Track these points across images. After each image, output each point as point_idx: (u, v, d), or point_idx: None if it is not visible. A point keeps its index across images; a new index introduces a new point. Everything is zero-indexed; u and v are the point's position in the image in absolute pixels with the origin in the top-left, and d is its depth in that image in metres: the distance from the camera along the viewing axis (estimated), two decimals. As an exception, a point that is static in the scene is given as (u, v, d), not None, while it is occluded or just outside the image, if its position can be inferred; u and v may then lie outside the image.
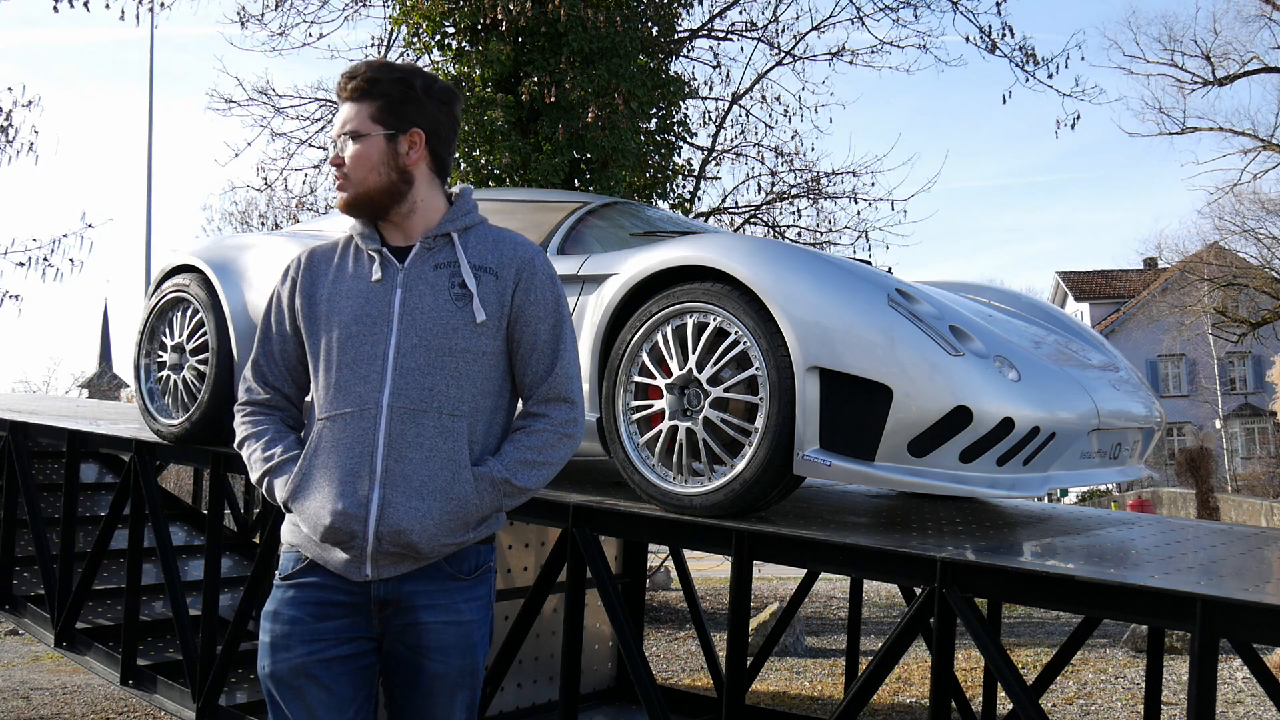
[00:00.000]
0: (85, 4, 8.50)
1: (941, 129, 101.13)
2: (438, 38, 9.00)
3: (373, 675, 1.96)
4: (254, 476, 2.01)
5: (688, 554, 5.26)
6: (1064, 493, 23.63)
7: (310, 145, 10.78)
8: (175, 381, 4.14)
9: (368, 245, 2.00)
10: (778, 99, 11.34)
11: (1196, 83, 23.67)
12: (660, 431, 2.94)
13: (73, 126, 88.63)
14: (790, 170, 11.22)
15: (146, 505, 4.50)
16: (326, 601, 1.91)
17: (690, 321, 2.91)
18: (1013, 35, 10.53)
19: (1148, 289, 37.06)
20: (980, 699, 4.55)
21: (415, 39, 9.19)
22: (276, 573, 1.99)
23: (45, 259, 9.34)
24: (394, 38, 10.02)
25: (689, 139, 10.54)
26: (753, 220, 11.26)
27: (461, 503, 1.91)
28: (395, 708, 2.00)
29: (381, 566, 1.90)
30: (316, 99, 10.77)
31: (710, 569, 13.45)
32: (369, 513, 1.87)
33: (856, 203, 11.09)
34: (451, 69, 8.84)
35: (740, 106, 11.28)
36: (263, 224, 15.94)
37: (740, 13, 11.61)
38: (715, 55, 11.37)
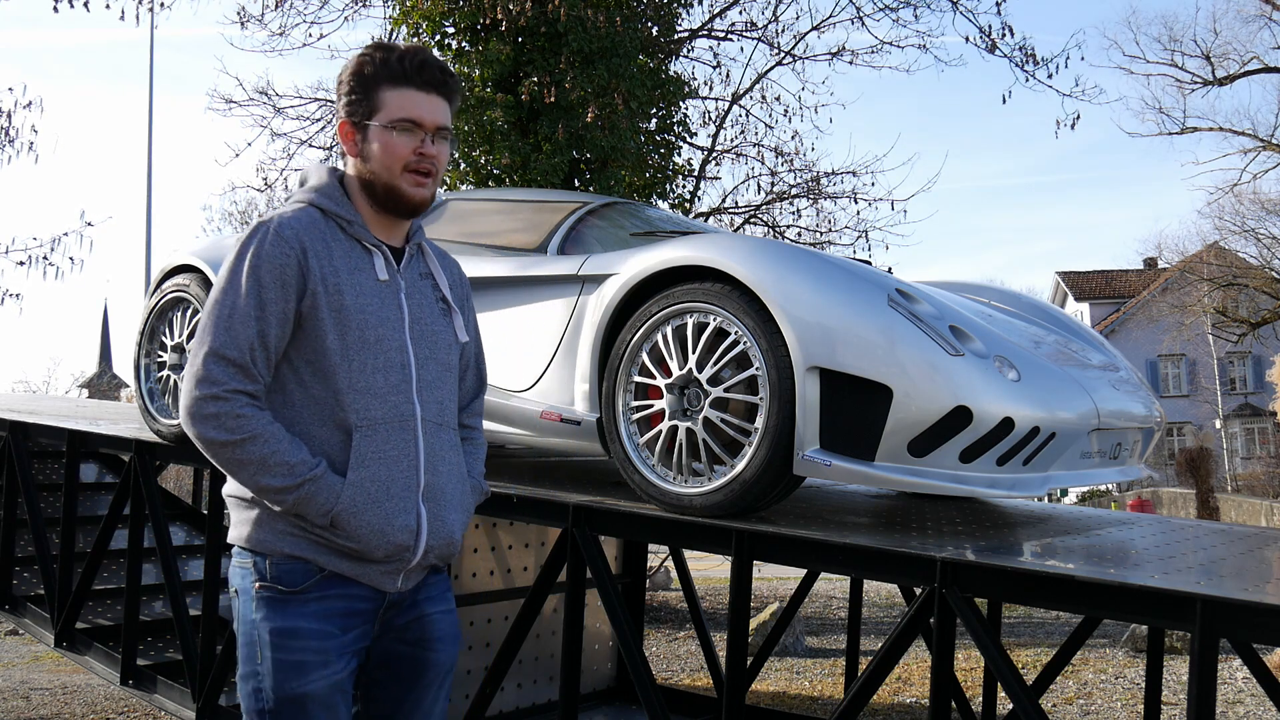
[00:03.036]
0: (85, 4, 8.50)
1: (941, 129, 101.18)
2: (438, 38, 9.00)
3: None
4: (273, 483, 1.77)
5: (688, 554, 5.26)
6: (1064, 493, 23.63)
7: (310, 145, 10.77)
8: (175, 381, 4.14)
9: (365, 237, 1.90)
10: (778, 99, 11.34)
11: (1196, 83, 23.68)
12: (660, 431, 2.94)
13: (72, 126, 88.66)
14: (790, 170, 11.22)
15: (146, 505, 4.50)
16: (349, 612, 1.85)
17: (690, 321, 2.91)
18: (1012, 35, 10.53)
19: (1148, 289, 37.06)
20: (980, 699, 4.55)
21: (415, 39, 9.18)
22: (270, 582, 1.81)
23: (45, 258, 9.36)
24: (394, 38, 10.01)
25: (689, 139, 10.54)
26: (753, 220, 11.26)
27: (469, 512, 2.00)
28: (387, 707, 1.95)
29: (412, 577, 1.92)
30: (316, 99, 10.76)
31: (710, 569, 13.45)
32: (421, 527, 1.88)
33: (856, 203, 11.09)
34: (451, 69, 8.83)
35: (740, 106, 11.28)
36: (263, 224, 15.90)
37: (740, 13, 11.58)
38: (715, 55, 11.37)
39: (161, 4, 9.65)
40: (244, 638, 1.84)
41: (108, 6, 8.96)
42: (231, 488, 1.89)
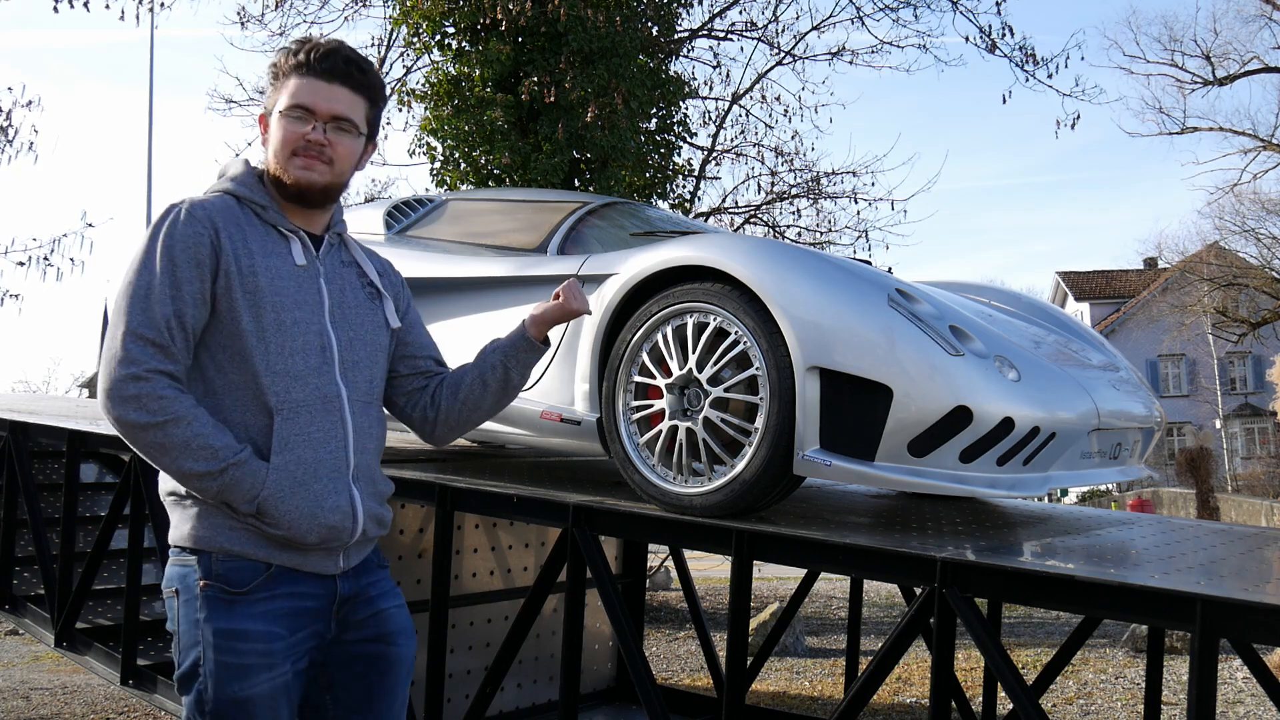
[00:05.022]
0: (85, 4, 8.51)
1: (941, 129, 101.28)
2: (438, 38, 9.00)
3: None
4: (195, 468, 1.73)
5: (688, 554, 5.26)
6: (1064, 493, 23.63)
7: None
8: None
9: (281, 223, 1.90)
10: (778, 99, 11.36)
11: (1196, 83, 23.70)
12: (660, 431, 2.94)
13: (72, 126, 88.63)
14: (790, 170, 11.24)
15: (146, 505, 4.50)
16: (297, 611, 1.83)
17: (690, 321, 2.91)
18: (1012, 35, 10.59)
19: (1148, 289, 37.06)
20: (980, 699, 4.55)
21: (415, 39, 9.19)
22: (214, 581, 1.77)
23: (45, 258, 9.36)
24: (394, 38, 10.03)
25: (689, 139, 10.55)
26: (753, 220, 11.26)
27: (387, 481, 2.04)
28: (355, 709, 1.94)
29: (352, 555, 1.93)
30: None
31: (710, 569, 13.45)
32: (356, 507, 1.89)
33: (856, 203, 11.11)
34: (451, 69, 8.84)
35: (740, 106, 11.29)
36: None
37: (740, 13, 11.62)
38: (715, 55, 11.38)
39: (162, 4, 9.67)
40: (185, 639, 1.78)
41: (107, 6, 8.97)
42: (168, 486, 1.84)
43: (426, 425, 2.11)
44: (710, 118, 11.39)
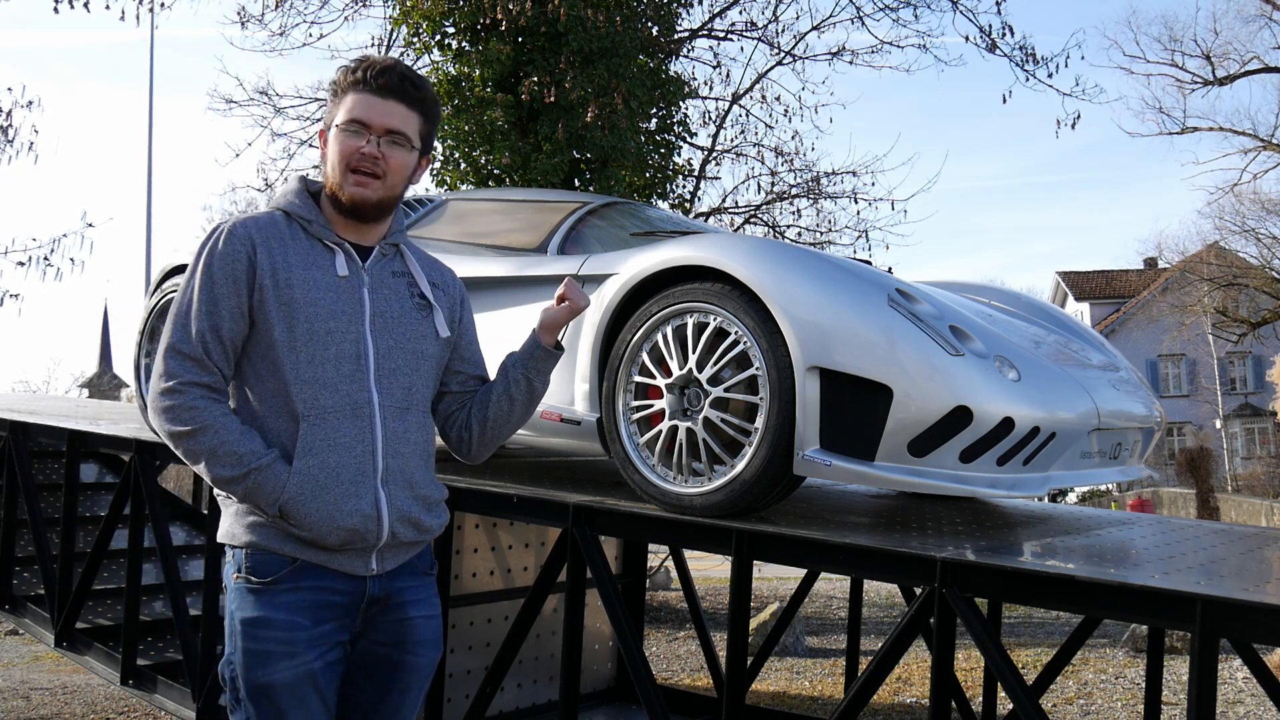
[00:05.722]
0: (85, 4, 8.50)
1: (941, 129, 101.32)
2: (438, 38, 9.00)
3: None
4: (223, 473, 1.84)
5: (688, 554, 5.26)
6: (1065, 493, 23.61)
7: (311, 145, 10.77)
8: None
9: (326, 236, 1.96)
10: (778, 99, 11.35)
11: (1196, 83, 23.69)
12: (660, 431, 2.94)
13: (72, 126, 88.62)
14: (790, 170, 11.23)
15: (146, 505, 4.50)
16: (321, 604, 1.88)
17: (690, 321, 2.91)
18: (1012, 35, 10.58)
19: (1148, 289, 37.05)
20: (980, 699, 4.55)
21: (415, 39, 9.19)
22: (244, 575, 1.87)
23: (45, 258, 9.35)
24: (394, 38, 10.02)
25: (689, 139, 10.54)
26: (753, 220, 11.26)
27: (437, 487, 2.05)
28: (363, 709, 1.97)
29: (386, 559, 1.95)
30: (317, 99, 10.76)
31: (710, 569, 13.45)
32: (381, 511, 1.91)
33: (856, 203, 11.11)
34: (451, 69, 8.84)
35: (740, 106, 11.29)
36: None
37: (740, 13, 11.60)
38: (715, 55, 11.38)
39: (162, 4, 9.66)
40: (226, 628, 1.90)
41: (108, 7, 8.97)
42: (216, 488, 1.94)
43: (464, 446, 2.16)
44: (710, 118, 11.40)
